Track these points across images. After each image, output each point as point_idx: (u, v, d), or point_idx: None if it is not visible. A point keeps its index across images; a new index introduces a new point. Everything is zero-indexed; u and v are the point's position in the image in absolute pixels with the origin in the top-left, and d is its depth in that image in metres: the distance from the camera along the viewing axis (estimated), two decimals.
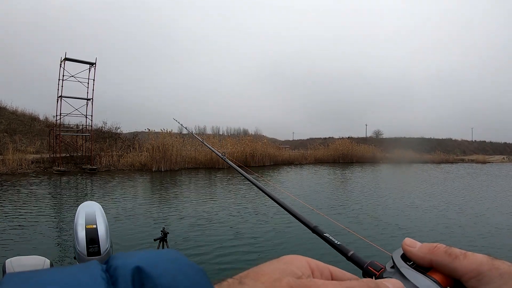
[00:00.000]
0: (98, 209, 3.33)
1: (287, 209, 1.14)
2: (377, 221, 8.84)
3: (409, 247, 0.36)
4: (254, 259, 5.87)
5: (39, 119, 31.09)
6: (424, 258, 0.34)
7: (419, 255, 0.35)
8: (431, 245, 0.35)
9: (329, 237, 0.66)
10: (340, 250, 0.60)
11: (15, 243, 6.59)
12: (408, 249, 0.36)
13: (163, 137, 23.38)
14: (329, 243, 0.65)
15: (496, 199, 13.15)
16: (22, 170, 19.09)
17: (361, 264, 0.47)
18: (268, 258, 0.33)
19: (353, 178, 21.51)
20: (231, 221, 8.64)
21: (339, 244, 0.61)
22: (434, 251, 0.34)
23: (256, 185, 1.39)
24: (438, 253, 0.34)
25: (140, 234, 7.22)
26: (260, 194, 12.95)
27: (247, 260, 5.83)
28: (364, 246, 5.78)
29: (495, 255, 0.32)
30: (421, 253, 0.35)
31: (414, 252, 0.35)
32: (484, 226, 8.51)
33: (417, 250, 0.35)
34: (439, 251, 0.34)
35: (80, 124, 24.41)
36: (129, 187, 14.90)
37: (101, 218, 3.26)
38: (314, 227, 0.78)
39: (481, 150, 60.41)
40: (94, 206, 3.37)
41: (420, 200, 12.32)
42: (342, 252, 0.58)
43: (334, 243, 0.63)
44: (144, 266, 0.25)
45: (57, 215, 9.58)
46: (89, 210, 3.29)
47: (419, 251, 0.35)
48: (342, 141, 40.13)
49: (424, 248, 0.35)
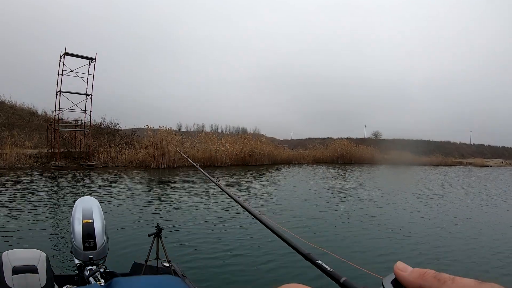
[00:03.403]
0: (95, 204, 3.33)
1: (281, 236, 1.17)
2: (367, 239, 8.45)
3: (401, 272, 0.37)
4: (243, 255, 5.88)
5: (38, 113, 30.92)
6: (414, 283, 0.35)
7: (410, 280, 0.35)
8: (421, 270, 0.35)
9: (321, 264, 0.68)
10: (333, 277, 0.61)
11: (12, 236, 6.60)
12: (399, 273, 0.37)
13: (161, 134, 23.34)
14: (322, 270, 0.66)
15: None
16: (19, 164, 19.02)
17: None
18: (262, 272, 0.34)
19: (350, 182, 21.54)
20: (226, 219, 8.65)
21: (331, 271, 0.63)
22: (424, 276, 0.34)
23: (250, 212, 1.43)
24: (427, 279, 0.34)
25: (136, 230, 7.25)
26: (258, 194, 12.97)
27: (243, 257, 5.84)
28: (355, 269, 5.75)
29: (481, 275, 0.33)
30: (412, 278, 0.35)
31: (405, 277, 0.36)
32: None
33: (408, 274, 0.36)
34: (428, 276, 0.34)
35: (79, 120, 24.33)
36: (127, 184, 14.89)
37: (98, 213, 3.26)
38: (307, 254, 0.81)
39: (479, 153, 60.54)
40: (91, 202, 3.37)
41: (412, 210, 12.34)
42: (335, 279, 0.60)
43: (327, 270, 0.65)
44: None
45: (54, 209, 9.57)
46: (86, 205, 3.29)
47: (410, 275, 0.35)
48: (341, 141, 40.09)
49: (414, 273, 0.35)
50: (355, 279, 0.50)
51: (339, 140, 41.10)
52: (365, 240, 7.45)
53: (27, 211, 8.80)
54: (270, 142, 34.39)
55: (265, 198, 12.38)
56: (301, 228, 7.97)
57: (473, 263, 6.19)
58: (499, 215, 10.94)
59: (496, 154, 63.13)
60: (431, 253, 6.62)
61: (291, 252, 4.37)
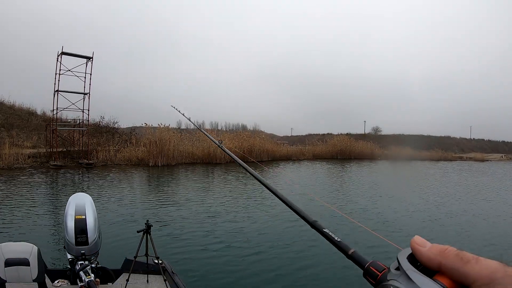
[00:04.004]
0: (88, 200, 3.34)
1: (285, 201, 1.07)
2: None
3: (419, 246, 0.34)
4: (242, 249, 5.89)
5: (37, 113, 30.87)
6: (434, 260, 0.32)
7: (429, 256, 0.32)
8: (442, 246, 0.33)
9: (328, 233, 0.61)
10: (340, 248, 0.56)
11: (8, 232, 6.68)
12: (417, 248, 0.33)
13: (160, 131, 23.31)
14: (329, 239, 0.60)
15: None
16: (18, 164, 19.02)
17: (362, 263, 0.45)
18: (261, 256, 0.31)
19: (350, 176, 21.50)
20: (223, 215, 8.66)
21: (339, 241, 0.57)
22: (445, 253, 0.32)
23: (253, 175, 1.35)
24: (449, 256, 0.31)
25: (130, 226, 7.28)
26: (256, 191, 12.96)
27: (240, 252, 5.85)
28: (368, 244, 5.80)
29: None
30: (431, 254, 0.32)
31: (424, 252, 0.33)
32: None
33: (427, 250, 0.33)
34: (450, 253, 0.31)
35: (77, 119, 24.28)
36: (124, 182, 14.89)
37: (91, 209, 3.26)
38: (313, 221, 0.72)
39: (479, 148, 60.40)
40: (85, 198, 3.38)
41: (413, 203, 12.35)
42: (343, 250, 0.55)
43: (334, 240, 0.59)
44: None
45: (50, 206, 9.66)
46: (80, 201, 3.29)
47: (429, 251, 0.33)
48: (340, 137, 40.05)
49: (434, 249, 0.33)
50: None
51: (339, 136, 41.05)
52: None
53: (25, 208, 8.89)
54: (269, 139, 34.34)
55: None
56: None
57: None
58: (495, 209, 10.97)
59: (496, 149, 62.99)
60: None
61: (280, 245, 4.38)
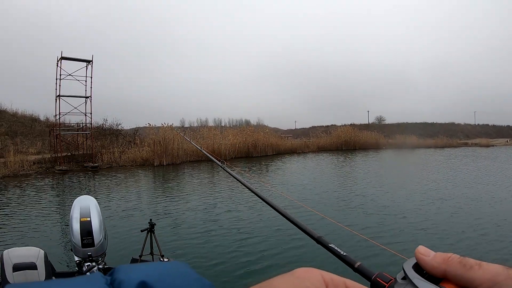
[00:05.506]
0: (92, 203, 3.31)
1: (290, 219, 1.11)
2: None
3: (423, 256, 0.34)
4: (250, 253, 5.82)
5: (40, 119, 31.05)
6: (438, 268, 0.33)
7: (433, 265, 0.33)
8: (445, 254, 0.33)
9: (334, 248, 0.64)
10: (347, 261, 0.57)
11: (13, 235, 6.75)
12: (422, 258, 0.34)
13: (163, 131, 23.30)
14: (335, 254, 0.63)
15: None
16: (24, 171, 19.11)
17: (369, 275, 0.45)
18: (273, 264, 0.33)
19: (353, 168, 21.38)
20: (228, 215, 8.58)
21: (346, 255, 0.59)
22: (448, 261, 0.32)
23: (257, 194, 1.34)
24: (452, 263, 0.32)
25: (136, 226, 7.24)
26: (264, 190, 12.89)
27: (245, 255, 5.78)
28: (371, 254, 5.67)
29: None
30: (435, 263, 0.33)
31: (428, 261, 0.33)
32: None
33: (431, 259, 0.34)
34: (453, 261, 0.32)
35: (80, 123, 24.36)
36: (129, 182, 14.93)
37: (96, 211, 3.23)
38: (318, 237, 0.75)
39: (484, 133, 59.82)
40: (89, 200, 3.35)
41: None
42: (349, 264, 0.56)
43: (340, 254, 0.61)
44: (149, 281, 0.24)
45: (56, 210, 9.72)
46: (84, 204, 3.27)
47: (433, 260, 0.33)
48: (344, 128, 39.80)
49: (438, 258, 0.33)
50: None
51: (343, 127, 40.84)
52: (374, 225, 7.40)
53: (30, 213, 8.95)
54: (273, 133, 34.23)
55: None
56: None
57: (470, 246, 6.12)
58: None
59: (501, 134, 62.34)
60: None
61: (286, 247, 4.25)
